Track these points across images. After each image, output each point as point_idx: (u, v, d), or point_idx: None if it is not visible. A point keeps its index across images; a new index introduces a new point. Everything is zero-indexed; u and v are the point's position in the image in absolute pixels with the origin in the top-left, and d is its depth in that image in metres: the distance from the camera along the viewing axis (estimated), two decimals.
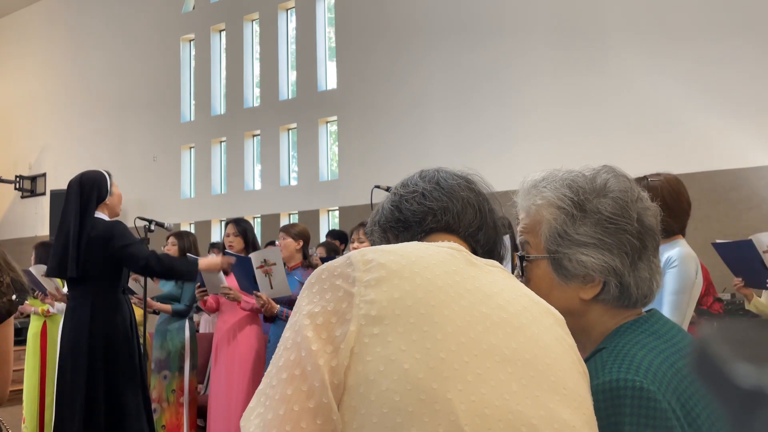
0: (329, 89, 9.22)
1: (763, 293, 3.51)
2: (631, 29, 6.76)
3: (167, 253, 4.78)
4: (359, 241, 3.74)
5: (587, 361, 0.92)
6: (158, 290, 4.66)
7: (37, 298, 5.13)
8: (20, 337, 5.87)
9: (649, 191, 2.33)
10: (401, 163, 7.61)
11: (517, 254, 1.08)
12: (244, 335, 4.27)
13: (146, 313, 4.40)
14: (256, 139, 10.00)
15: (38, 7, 13.06)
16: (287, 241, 4.25)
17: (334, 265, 0.80)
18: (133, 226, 3.99)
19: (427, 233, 1.00)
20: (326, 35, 9.48)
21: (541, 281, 1.03)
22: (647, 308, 1.04)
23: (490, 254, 1.02)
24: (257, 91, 10.06)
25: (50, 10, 12.79)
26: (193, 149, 10.53)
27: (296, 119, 9.38)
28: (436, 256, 0.82)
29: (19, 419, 5.18)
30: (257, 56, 10.13)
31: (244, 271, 3.94)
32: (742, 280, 3.29)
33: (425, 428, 0.69)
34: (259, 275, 3.87)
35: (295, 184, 9.41)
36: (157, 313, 4.76)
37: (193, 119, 10.58)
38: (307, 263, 4.28)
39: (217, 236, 9.64)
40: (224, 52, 10.37)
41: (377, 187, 3.72)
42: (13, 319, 1.72)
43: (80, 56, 12.02)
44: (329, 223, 9.08)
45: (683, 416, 0.86)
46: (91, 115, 11.64)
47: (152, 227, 4.20)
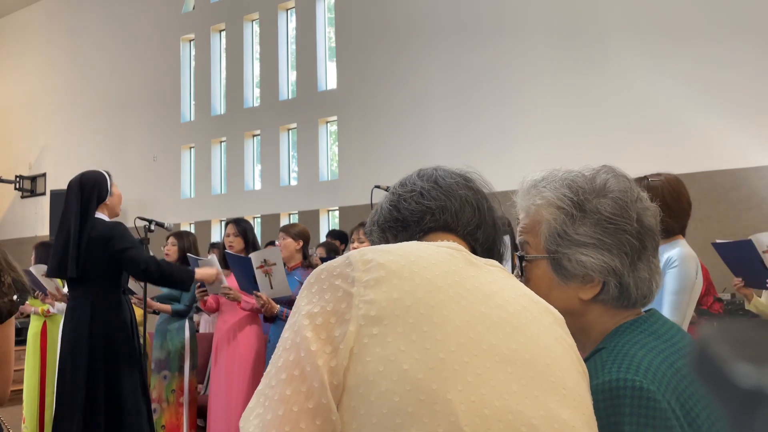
0: (329, 89, 9.22)
1: (763, 293, 3.51)
2: (631, 29, 6.76)
3: (166, 259, 4.79)
4: (359, 241, 3.73)
5: (587, 360, 0.92)
6: (158, 290, 4.66)
7: (37, 298, 5.13)
8: (20, 337, 5.87)
9: (649, 191, 2.33)
10: (401, 163, 7.60)
11: (516, 254, 1.08)
12: (244, 335, 4.27)
13: (146, 313, 4.40)
14: (256, 139, 10.00)
15: (38, 7, 13.06)
16: (287, 241, 4.25)
17: (333, 265, 0.80)
18: (133, 226, 3.99)
19: (425, 233, 1.00)
20: (326, 35, 9.48)
21: (540, 281, 1.03)
22: (646, 308, 1.04)
23: (489, 252, 1.02)
24: (257, 91, 10.06)
25: (50, 10, 12.79)
26: (193, 149, 10.53)
27: (296, 119, 9.38)
28: (435, 255, 0.82)
29: (19, 419, 5.17)
30: (257, 56, 10.13)
31: (244, 271, 3.94)
32: (742, 280, 3.29)
33: (425, 429, 0.68)
34: (259, 275, 3.87)
35: (295, 184, 9.41)
36: (157, 313, 4.76)
37: (193, 119, 10.58)
38: (307, 263, 4.28)
39: (217, 236, 9.64)
40: (224, 52, 10.37)
41: (377, 187, 3.72)
42: (14, 319, 1.72)
43: (80, 56, 12.02)
44: (329, 223, 9.08)
45: (683, 416, 0.86)
46: (91, 115, 11.64)
47: (152, 227, 4.20)
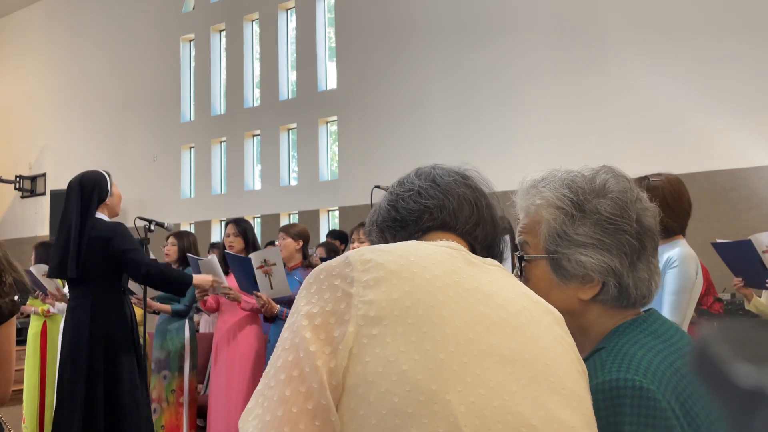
0: (329, 89, 9.22)
1: (763, 293, 3.51)
2: (631, 29, 6.76)
3: (166, 259, 4.79)
4: (359, 241, 3.72)
5: (586, 360, 0.92)
6: (158, 291, 4.66)
7: (37, 298, 5.13)
8: (20, 337, 5.86)
9: (650, 191, 2.34)
10: (401, 163, 7.59)
11: (516, 254, 1.08)
12: (244, 335, 4.27)
13: (146, 313, 4.39)
14: (256, 139, 10.00)
15: (38, 7, 13.06)
16: (287, 241, 4.25)
17: (332, 265, 0.80)
18: (133, 226, 3.99)
19: (424, 232, 1.00)
20: (326, 35, 9.48)
21: (540, 281, 1.03)
22: (645, 308, 1.04)
23: (489, 250, 1.02)
24: (257, 91, 10.06)
25: (50, 10, 12.79)
26: (193, 149, 10.53)
27: (296, 119, 9.38)
28: (434, 255, 0.82)
29: (19, 419, 5.17)
30: (257, 56, 10.13)
31: (244, 271, 3.94)
32: (741, 280, 3.29)
33: (424, 430, 0.68)
34: (259, 275, 3.87)
35: (295, 184, 9.41)
36: (157, 313, 4.76)
37: (193, 119, 10.58)
38: (306, 263, 4.28)
39: (217, 236, 9.64)
40: (224, 52, 10.37)
41: (377, 187, 3.73)
42: (15, 319, 1.72)
43: (80, 56, 12.02)
44: (329, 223, 9.08)
45: (682, 415, 0.86)
46: (91, 115, 11.65)
47: (152, 227, 4.20)
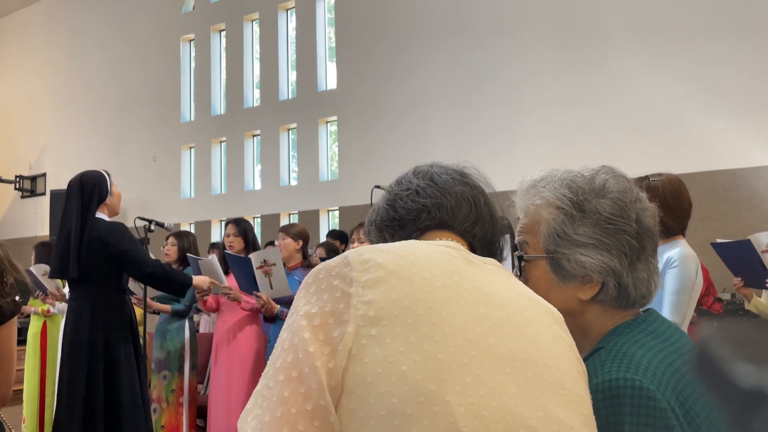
0: (329, 89, 9.22)
1: (763, 293, 3.50)
2: (631, 29, 6.76)
3: (166, 259, 4.79)
4: (359, 241, 3.72)
5: (586, 360, 0.92)
6: (157, 290, 4.66)
7: (37, 298, 5.12)
8: (20, 337, 5.84)
9: (650, 191, 2.34)
10: (401, 163, 7.53)
11: (515, 254, 1.07)
12: (244, 335, 4.27)
13: (146, 313, 4.39)
14: (256, 139, 10.00)
15: (38, 7, 13.06)
16: (287, 241, 4.25)
17: (331, 264, 0.79)
18: (133, 226, 3.99)
19: (422, 231, 1.00)
20: (326, 35, 9.48)
21: (539, 281, 1.03)
22: (644, 308, 1.04)
23: (488, 247, 1.01)
24: (257, 91, 10.06)
25: (50, 10, 12.79)
26: (193, 149, 10.53)
27: (296, 119, 9.38)
28: (434, 255, 0.82)
29: (19, 419, 5.17)
30: (257, 56, 10.13)
31: (243, 271, 3.94)
32: (741, 280, 3.28)
33: (424, 430, 0.68)
34: (258, 276, 3.87)
35: (295, 184, 9.41)
36: (157, 313, 4.76)
37: (193, 119, 10.58)
38: (306, 263, 4.28)
39: (217, 236, 9.64)
40: (224, 52, 10.37)
41: (377, 187, 3.72)
42: (16, 319, 1.73)
43: (80, 56, 12.02)
44: (329, 223, 9.08)
45: (682, 415, 0.86)
46: (91, 115, 11.65)
47: (152, 227, 4.20)
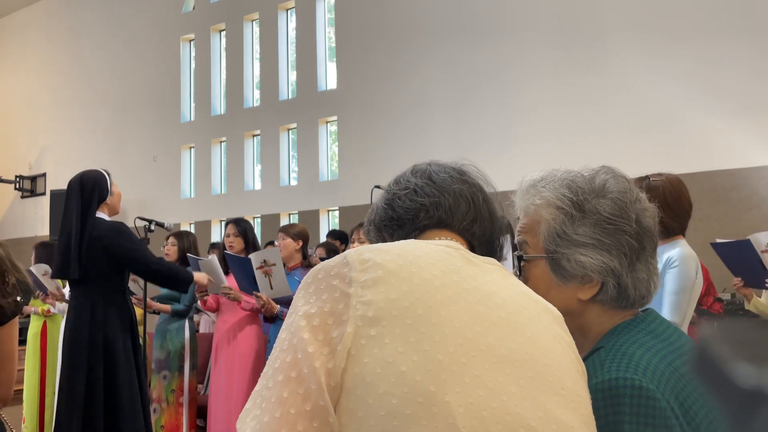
0: (329, 89, 9.22)
1: (763, 293, 3.50)
2: (631, 29, 6.76)
3: (166, 259, 4.79)
4: (359, 241, 3.72)
5: (585, 360, 0.92)
6: (158, 290, 4.66)
7: (38, 298, 5.12)
8: (20, 337, 5.84)
9: (650, 191, 2.34)
10: (401, 163, 7.50)
11: (515, 254, 1.07)
12: (244, 335, 4.27)
13: (146, 313, 4.39)
14: (256, 139, 10.00)
15: (38, 7, 13.06)
16: (286, 241, 4.25)
17: (330, 264, 0.79)
18: (133, 226, 3.99)
19: (421, 230, 1.00)
20: (326, 35, 9.48)
21: (539, 281, 1.03)
22: (643, 308, 1.04)
23: (488, 245, 1.01)
24: (257, 91, 10.06)
25: (50, 9, 12.79)
26: (193, 149, 10.53)
27: (296, 119, 9.38)
28: (433, 255, 0.82)
29: (19, 419, 5.17)
30: (257, 56, 10.13)
31: (243, 271, 3.93)
32: (741, 280, 3.28)
33: (423, 431, 0.68)
34: (258, 276, 3.86)
35: (295, 184, 9.41)
36: (157, 313, 4.76)
37: (193, 119, 10.58)
38: (306, 263, 4.28)
39: (217, 236, 9.64)
40: (224, 52, 10.37)
41: (377, 187, 3.72)
42: (17, 319, 1.73)
43: (80, 56, 12.02)
44: (329, 223, 9.08)
45: (682, 415, 0.86)
46: (91, 115, 11.65)
47: (152, 227, 4.20)
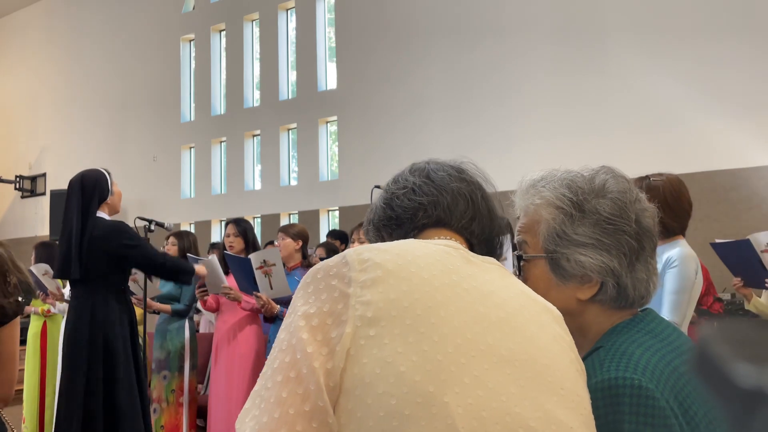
0: (329, 89, 9.22)
1: (763, 293, 3.50)
2: (631, 29, 6.76)
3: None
4: (359, 241, 3.71)
5: (584, 359, 0.92)
6: (157, 291, 4.66)
7: (38, 298, 5.12)
8: (21, 336, 5.86)
9: (650, 191, 2.34)
10: (401, 163, 7.47)
11: (514, 253, 1.07)
12: (244, 335, 4.27)
13: (146, 313, 4.39)
14: (256, 139, 10.00)
15: (38, 7, 13.06)
16: (286, 241, 4.25)
17: (329, 264, 0.79)
18: (133, 226, 3.99)
19: (420, 229, 0.99)
20: (326, 35, 9.48)
21: (538, 281, 1.03)
22: (642, 308, 1.04)
23: (487, 243, 1.01)
24: (257, 91, 10.06)
25: (50, 9, 12.79)
26: (193, 149, 10.53)
27: (296, 119, 9.38)
28: (433, 254, 0.81)
29: (19, 419, 5.17)
30: (257, 56, 10.13)
31: (243, 272, 3.93)
32: (741, 279, 3.28)
33: (422, 431, 0.68)
34: (258, 276, 3.86)
35: (295, 184, 9.41)
36: (157, 313, 4.76)
37: (193, 119, 10.58)
38: (306, 263, 4.28)
39: (217, 236, 9.64)
40: (224, 52, 10.37)
41: (377, 187, 3.71)
42: (19, 319, 1.73)
43: (80, 56, 12.02)
44: (329, 223, 9.08)
45: (681, 414, 0.86)
46: (91, 115, 11.65)
47: (152, 227, 4.20)
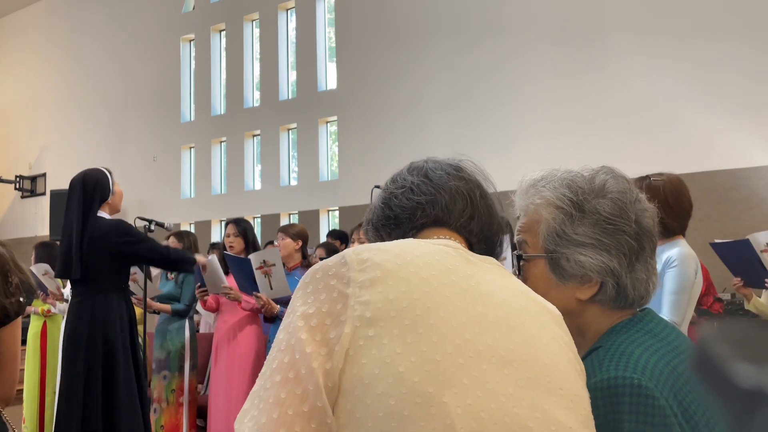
0: (329, 89, 9.22)
1: (762, 293, 3.50)
2: (631, 29, 6.76)
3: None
4: (360, 241, 3.71)
5: (584, 359, 0.92)
6: (157, 291, 4.66)
7: (38, 298, 5.12)
8: (21, 336, 5.85)
9: (651, 191, 2.34)
10: (401, 163, 7.43)
11: (514, 253, 1.07)
12: (244, 335, 4.27)
13: (146, 313, 4.39)
14: (256, 139, 10.00)
15: (38, 7, 13.06)
16: (286, 241, 4.25)
17: (328, 264, 0.79)
18: (133, 226, 3.99)
19: (418, 229, 0.99)
20: (326, 35, 9.48)
21: (538, 280, 1.03)
22: (641, 308, 1.04)
23: (486, 242, 1.00)
24: (257, 91, 10.06)
25: (50, 9, 12.80)
26: (193, 149, 10.53)
27: (296, 119, 9.38)
28: (432, 254, 0.81)
29: (19, 419, 5.17)
30: (257, 56, 10.13)
31: (243, 272, 3.93)
32: (741, 279, 3.28)
33: None
34: (258, 276, 3.86)
35: (295, 184, 9.41)
36: (157, 313, 4.76)
37: (193, 119, 10.58)
38: (306, 263, 4.28)
39: (217, 236, 9.64)
40: (224, 52, 10.37)
41: (377, 187, 3.71)
42: (20, 319, 1.73)
43: (80, 56, 12.02)
44: (329, 223, 9.08)
45: (680, 413, 0.86)
46: (91, 115, 11.65)
47: (152, 227, 4.20)
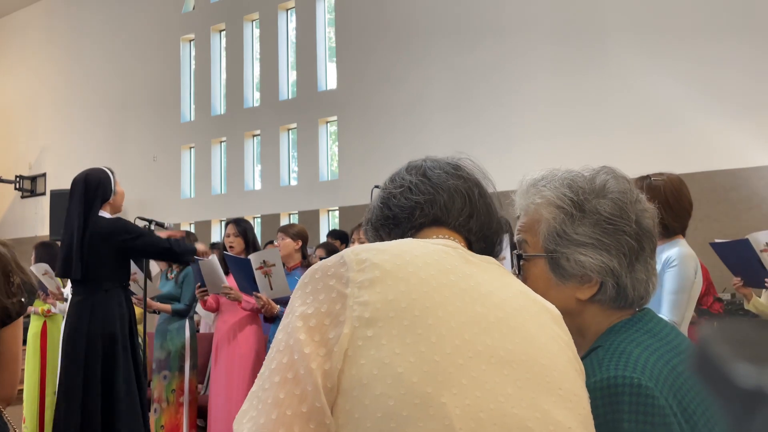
0: (329, 89, 9.22)
1: (762, 293, 3.50)
2: (631, 29, 6.76)
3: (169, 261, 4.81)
4: (359, 241, 3.71)
5: (583, 359, 0.92)
6: (157, 291, 4.66)
7: (38, 298, 5.12)
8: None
9: (651, 190, 2.34)
10: (401, 163, 7.43)
11: (514, 252, 1.07)
12: (244, 335, 4.27)
13: (146, 313, 4.38)
14: (256, 139, 10.00)
15: (38, 7, 13.06)
16: (286, 241, 4.25)
17: (327, 264, 0.79)
18: (131, 222, 3.99)
19: (417, 229, 0.99)
20: (326, 35, 9.48)
21: (538, 280, 1.03)
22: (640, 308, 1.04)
23: (486, 240, 1.00)
24: (257, 91, 10.06)
25: (50, 9, 12.79)
26: (193, 149, 10.53)
27: (296, 119, 9.38)
28: (431, 254, 0.81)
29: (19, 419, 5.17)
30: (257, 56, 10.13)
31: (243, 272, 3.93)
32: (741, 279, 3.27)
33: None
34: (258, 276, 3.86)
35: (295, 184, 9.41)
36: (157, 313, 4.76)
37: (193, 119, 10.58)
38: (306, 263, 4.28)
39: (217, 236, 9.64)
40: (224, 52, 10.37)
41: (377, 187, 3.71)
42: (21, 320, 1.73)
43: (80, 56, 12.02)
44: (329, 223, 9.08)
45: (680, 413, 0.86)
46: (91, 115, 11.65)
47: (152, 227, 4.20)
